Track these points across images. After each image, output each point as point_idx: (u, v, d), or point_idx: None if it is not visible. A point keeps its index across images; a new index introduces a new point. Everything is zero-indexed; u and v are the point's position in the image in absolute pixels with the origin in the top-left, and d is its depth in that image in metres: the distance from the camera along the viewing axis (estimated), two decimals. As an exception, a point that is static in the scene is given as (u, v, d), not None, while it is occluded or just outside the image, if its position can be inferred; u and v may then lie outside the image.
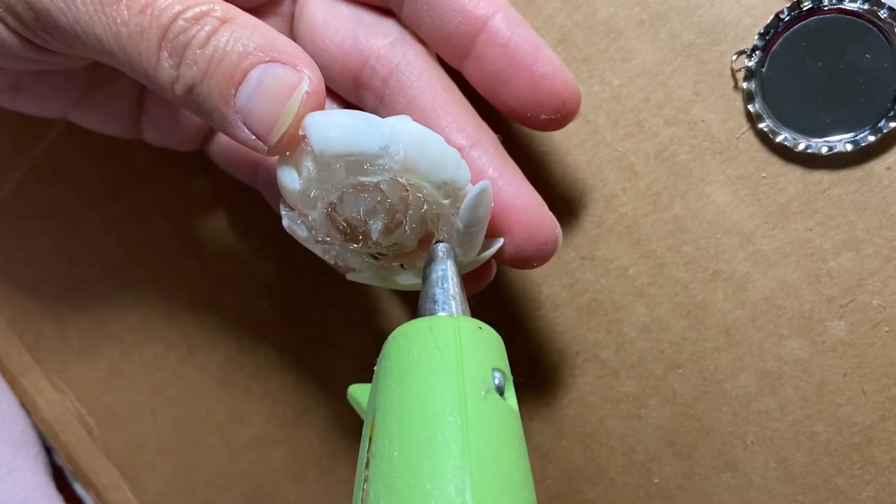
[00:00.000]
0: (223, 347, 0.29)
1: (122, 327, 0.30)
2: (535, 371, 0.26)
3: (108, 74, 0.24)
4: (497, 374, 0.18)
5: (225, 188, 0.28)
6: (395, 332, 0.18)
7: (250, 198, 0.26)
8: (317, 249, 0.21)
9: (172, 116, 0.25)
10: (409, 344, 0.18)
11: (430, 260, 0.20)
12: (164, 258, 0.29)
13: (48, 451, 0.32)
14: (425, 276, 0.20)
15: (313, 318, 0.29)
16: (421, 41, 0.22)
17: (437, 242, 0.20)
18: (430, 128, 0.19)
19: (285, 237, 0.22)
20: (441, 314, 0.18)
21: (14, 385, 0.31)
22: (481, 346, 0.18)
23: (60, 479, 0.31)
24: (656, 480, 0.25)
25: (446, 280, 0.19)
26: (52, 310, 0.30)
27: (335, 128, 0.18)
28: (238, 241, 0.29)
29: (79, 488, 0.32)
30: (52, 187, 0.30)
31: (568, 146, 0.25)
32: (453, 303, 0.19)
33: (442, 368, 0.17)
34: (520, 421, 0.18)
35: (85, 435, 0.31)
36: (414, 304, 0.27)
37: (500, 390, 0.18)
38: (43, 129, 0.29)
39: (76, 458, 0.31)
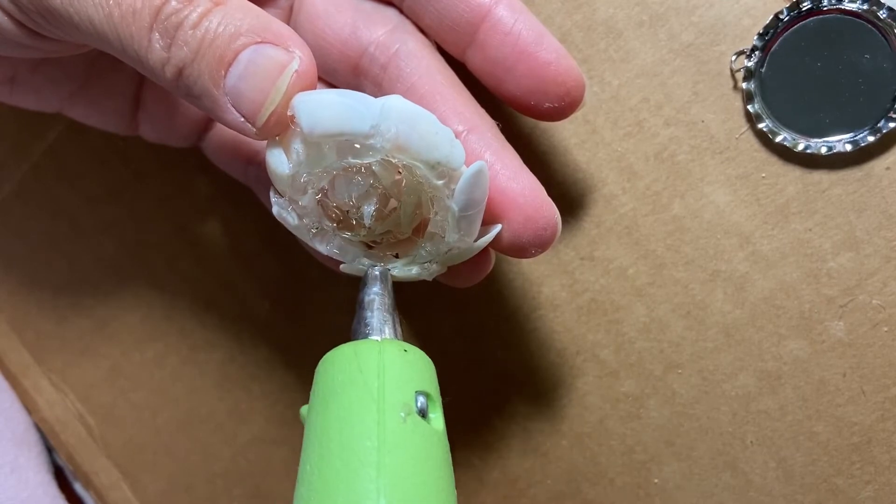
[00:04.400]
0: (223, 347, 0.29)
1: (122, 327, 0.30)
2: (534, 371, 0.26)
3: (104, 68, 0.24)
4: (420, 397, 0.18)
5: (225, 188, 0.28)
6: (324, 357, 0.19)
7: (250, 198, 0.26)
8: (307, 238, 0.20)
9: (168, 111, 0.25)
10: (334, 369, 0.18)
11: (363, 283, 0.20)
12: (164, 258, 0.29)
13: (49, 450, 0.32)
14: (358, 300, 0.19)
15: (313, 318, 0.29)
16: (421, 30, 0.22)
17: (372, 266, 0.20)
18: None
19: (285, 237, 0.22)
20: (371, 338, 0.19)
21: (14, 385, 0.31)
22: (405, 369, 0.18)
23: (61, 479, 0.31)
24: (656, 480, 0.25)
25: (377, 304, 0.19)
26: (52, 310, 0.30)
27: (325, 106, 0.17)
28: (238, 241, 0.29)
29: (79, 488, 0.32)
30: (52, 187, 0.30)
31: (567, 146, 0.25)
32: (385, 327, 0.19)
33: (363, 392, 0.17)
34: (445, 442, 0.18)
35: (85, 435, 0.31)
36: (413, 300, 0.28)
37: (423, 412, 0.18)
38: (43, 130, 0.29)
39: (76, 458, 0.31)
